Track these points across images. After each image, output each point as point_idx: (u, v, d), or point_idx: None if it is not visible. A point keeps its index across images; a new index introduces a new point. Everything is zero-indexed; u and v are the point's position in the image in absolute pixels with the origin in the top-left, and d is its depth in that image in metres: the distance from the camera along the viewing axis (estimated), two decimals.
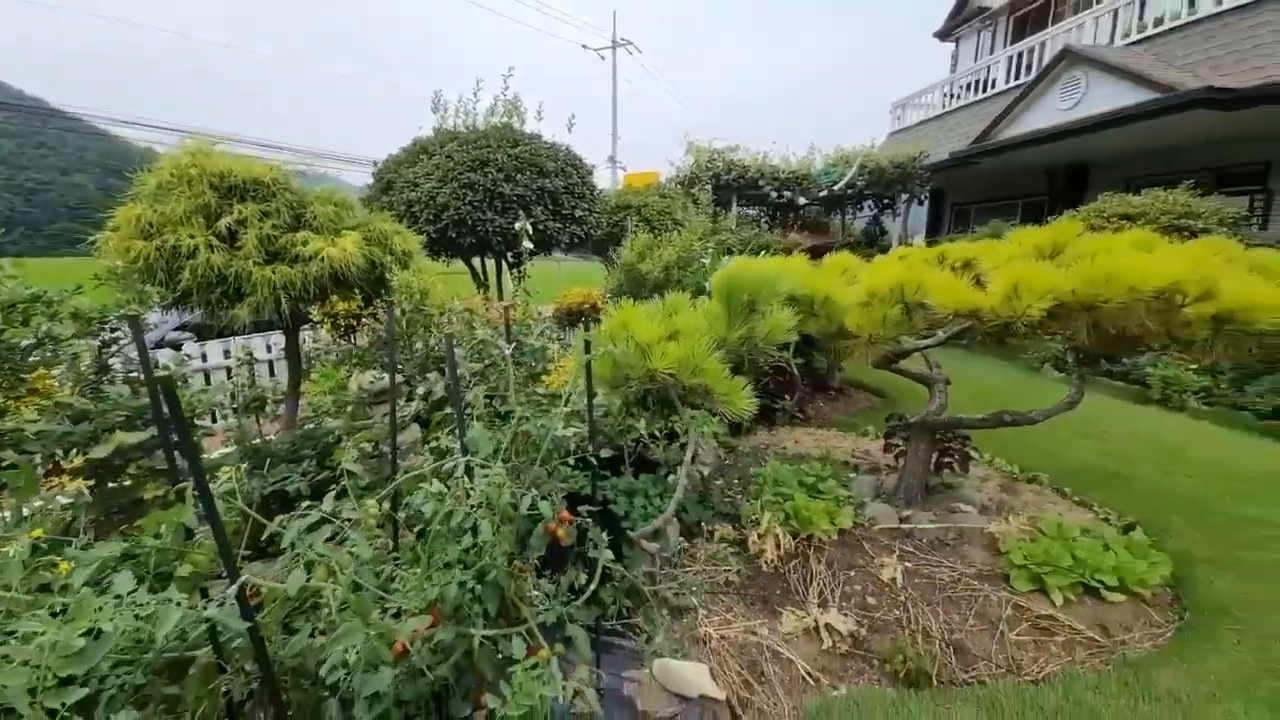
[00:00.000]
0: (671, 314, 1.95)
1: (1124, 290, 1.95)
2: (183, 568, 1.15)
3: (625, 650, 2.29)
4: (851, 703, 2.08)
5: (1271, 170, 8.41)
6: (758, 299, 1.90)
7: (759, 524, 2.91)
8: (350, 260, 2.78)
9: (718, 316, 1.88)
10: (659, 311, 1.95)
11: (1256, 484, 3.95)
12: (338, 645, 1.02)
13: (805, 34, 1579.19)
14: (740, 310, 1.90)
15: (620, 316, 1.76)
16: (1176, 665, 2.26)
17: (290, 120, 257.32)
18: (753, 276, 1.88)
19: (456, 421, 1.35)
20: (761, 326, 1.97)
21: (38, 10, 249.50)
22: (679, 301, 2.01)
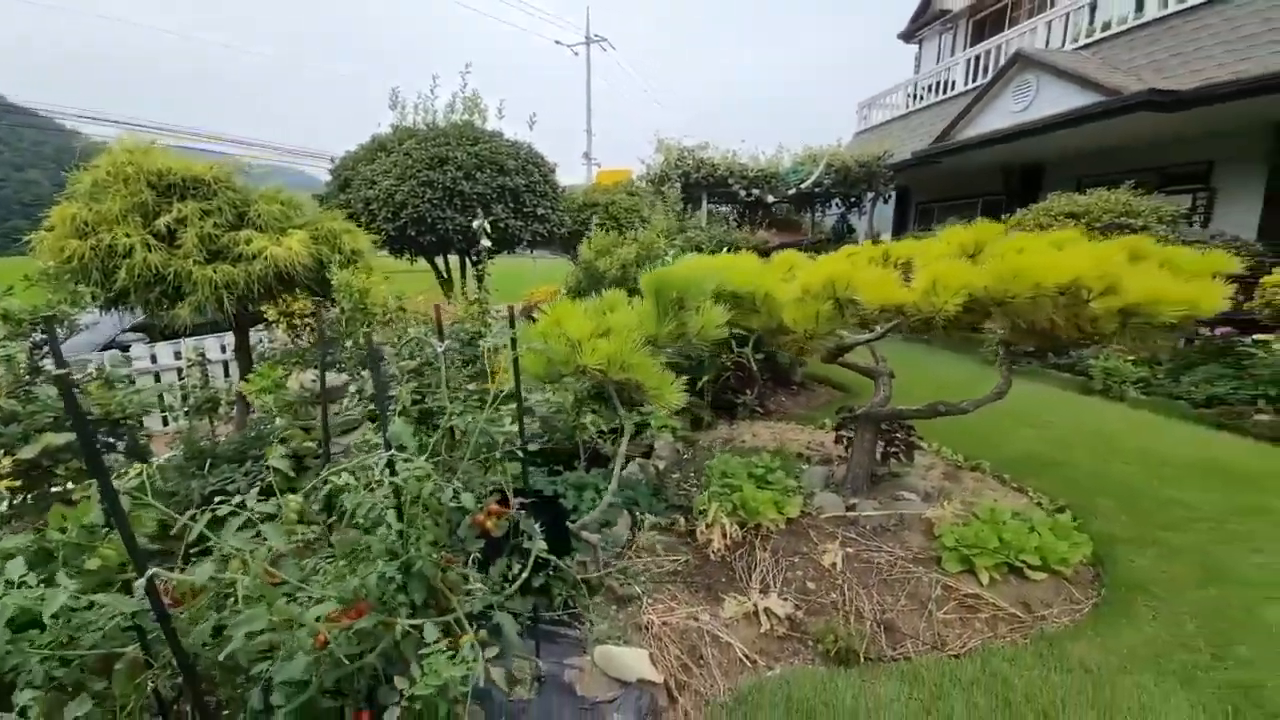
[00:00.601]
0: (607, 311, 2.01)
1: (1030, 286, 2.07)
2: (91, 561, 1.17)
3: (570, 639, 2.35)
4: (783, 681, 2.18)
5: (1214, 169, 8.82)
6: (686, 296, 1.97)
7: (707, 515, 2.98)
8: (296, 259, 2.78)
9: (648, 314, 1.95)
10: (596, 309, 2.01)
11: (1184, 469, 4.19)
12: (239, 630, 1.05)
13: (807, 33, 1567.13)
14: (670, 307, 1.97)
15: (554, 314, 1.82)
16: (1091, 639, 2.40)
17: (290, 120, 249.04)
18: (681, 275, 1.95)
19: (380, 417, 1.39)
20: (694, 323, 2.05)
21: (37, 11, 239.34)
22: (616, 299, 2.08)
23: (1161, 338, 2.43)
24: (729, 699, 2.11)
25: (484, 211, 5.33)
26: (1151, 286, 2.27)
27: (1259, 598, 2.65)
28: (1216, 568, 2.91)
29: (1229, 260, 2.64)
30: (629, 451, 3.91)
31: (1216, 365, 5.71)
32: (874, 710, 2.03)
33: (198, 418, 3.79)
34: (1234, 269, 2.64)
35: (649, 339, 1.91)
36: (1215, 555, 3.03)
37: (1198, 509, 3.55)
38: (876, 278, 2.33)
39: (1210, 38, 7.71)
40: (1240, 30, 7.38)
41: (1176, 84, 7.13)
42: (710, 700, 2.11)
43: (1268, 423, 4.92)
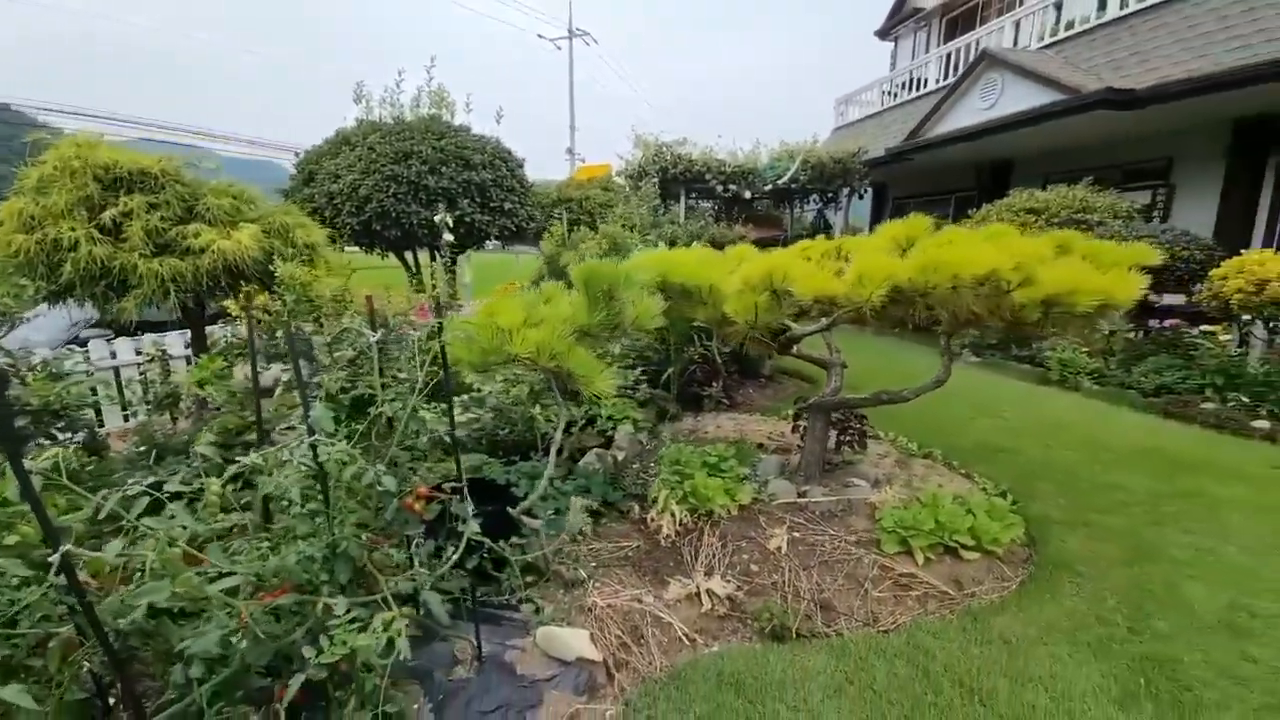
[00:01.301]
0: (544, 302, 2.07)
1: (949, 277, 2.17)
2: (10, 538, 1.22)
3: (516, 623, 2.42)
4: (719, 657, 2.27)
5: (1173, 166, 9.06)
6: (615, 288, 2.04)
7: (658, 502, 3.07)
8: (246, 253, 2.80)
9: (581, 305, 2.02)
10: (533, 300, 2.07)
11: (1125, 454, 4.36)
12: (141, 600, 1.11)
13: (788, 29, 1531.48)
14: (600, 298, 2.03)
15: (488, 305, 1.88)
16: (1014, 613, 2.53)
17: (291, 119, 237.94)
18: (610, 268, 2.02)
19: (303, 403, 1.44)
20: (629, 313, 2.12)
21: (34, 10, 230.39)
22: (554, 291, 2.14)
23: (1082, 326, 2.55)
24: (664, 675, 2.19)
25: (450, 206, 5.36)
26: (1067, 277, 2.38)
27: (1182, 575, 2.79)
28: (1144, 547, 3.05)
29: (1149, 252, 2.76)
30: (589, 442, 3.99)
31: (1166, 356, 5.93)
32: (800, 681, 2.13)
33: (158, 412, 3.79)
34: (1153, 261, 2.76)
35: (581, 329, 1.98)
36: (1145, 536, 3.18)
37: (1134, 492, 3.71)
38: (810, 270, 2.42)
39: (1168, 36, 7.93)
40: (1197, 28, 7.59)
41: (1133, 83, 7.34)
42: (646, 677, 2.19)
43: (1212, 411, 5.13)
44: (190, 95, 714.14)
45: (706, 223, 10.69)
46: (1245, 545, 3.07)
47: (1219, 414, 5.04)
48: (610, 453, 3.84)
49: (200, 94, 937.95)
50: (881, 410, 5.32)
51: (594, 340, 2.09)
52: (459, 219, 5.42)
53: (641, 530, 3.16)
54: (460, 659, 2.16)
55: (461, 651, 2.17)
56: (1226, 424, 4.93)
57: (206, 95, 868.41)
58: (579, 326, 1.96)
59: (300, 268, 2.14)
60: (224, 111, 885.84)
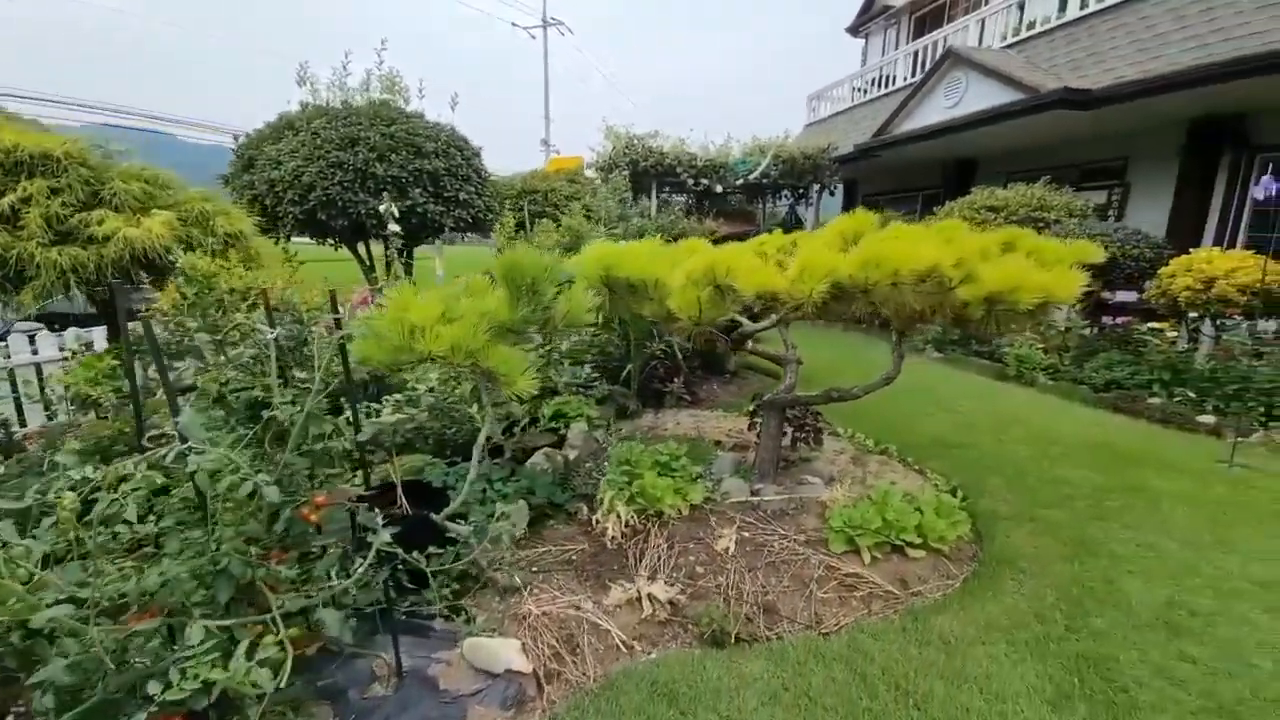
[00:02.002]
0: (468, 296, 1.96)
1: (889, 274, 2.12)
2: None
3: (445, 634, 2.31)
4: (655, 664, 2.20)
5: (1129, 165, 9.28)
6: (539, 282, 1.93)
7: (604, 503, 2.98)
8: (156, 241, 2.62)
9: (503, 300, 1.91)
10: (455, 294, 1.96)
11: (1073, 449, 4.42)
12: None
13: (764, 21, 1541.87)
14: (525, 292, 1.93)
15: (400, 299, 1.76)
16: (955, 611, 2.51)
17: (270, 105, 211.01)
18: (532, 261, 1.92)
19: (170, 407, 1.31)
20: (561, 308, 2.02)
21: None
22: (481, 284, 2.03)
23: (1025, 324, 2.53)
24: (597, 685, 2.11)
25: (400, 195, 5.17)
26: (1009, 275, 2.36)
27: (1121, 571, 2.82)
28: (1086, 542, 3.08)
29: (1092, 249, 2.76)
30: (540, 441, 3.88)
31: (1117, 352, 6.06)
32: (736, 688, 2.07)
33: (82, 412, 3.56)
34: (1096, 258, 2.77)
35: (504, 325, 1.87)
36: (1088, 531, 3.21)
37: (1079, 487, 3.76)
38: (754, 265, 2.35)
39: (1125, 36, 8.08)
40: (1154, 29, 7.73)
41: (1090, 83, 7.47)
42: (579, 687, 2.11)
43: (1159, 406, 5.25)
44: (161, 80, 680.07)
45: (676, 217, 10.61)
46: (1186, 540, 3.12)
47: (1165, 409, 5.16)
48: (562, 452, 3.74)
49: (170, 79, 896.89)
50: (844, 406, 5.34)
51: (519, 337, 1.98)
52: (410, 209, 5.21)
53: (588, 533, 3.07)
54: (379, 675, 2.05)
55: (380, 667, 2.06)
56: (1173, 419, 5.05)
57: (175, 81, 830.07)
58: (500, 322, 1.85)
59: (204, 258, 1.99)
60: (193, 98, 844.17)
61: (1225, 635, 2.36)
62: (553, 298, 1.98)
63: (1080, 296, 7.45)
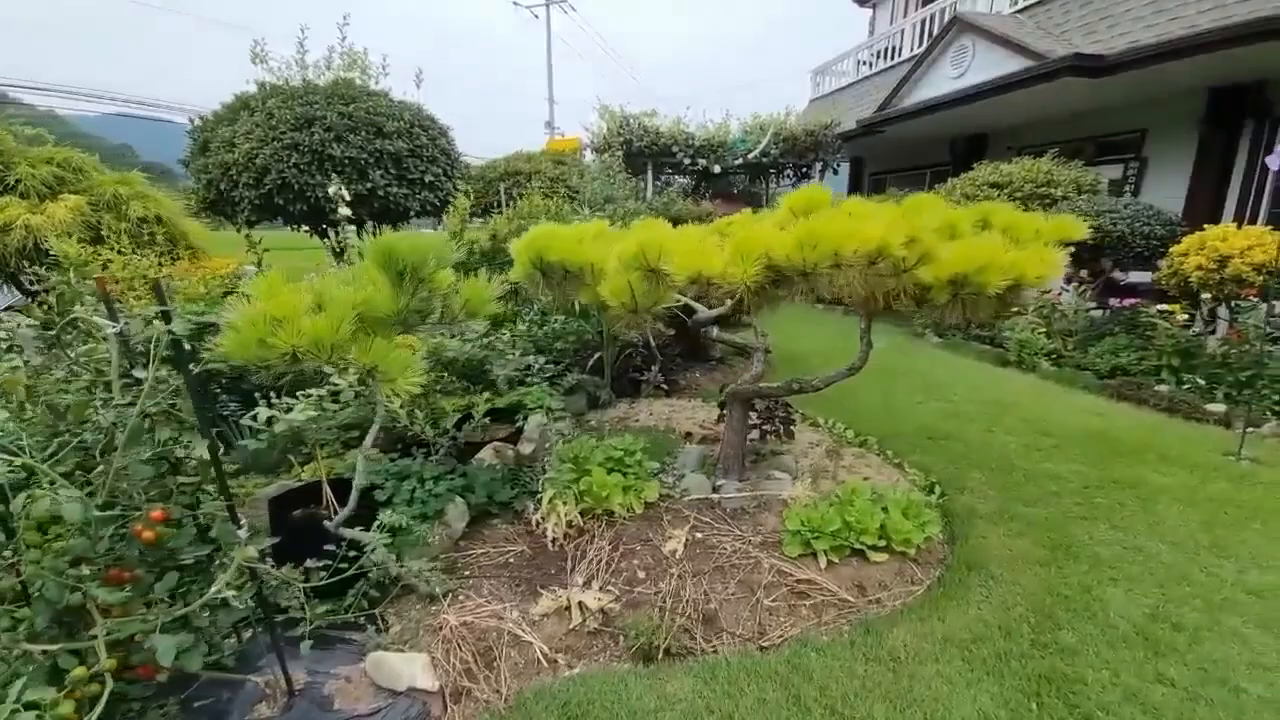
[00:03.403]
0: (359, 284, 1.77)
1: (828, 254, 1.89)
2: None
3: (353, 645, 2.17)
4: (574, 682, 2.03)
5: (1146, 138, 8.76)
6: (420, 268, 1.74)
7: (544, 502, 2.81)
8: (63, 228, 2.45)
9: (382, 288, 1.72)
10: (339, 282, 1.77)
11: (1068, 439, 4.16)
12: None
13: None
14: (409, 281, 1.74)
15: (266, 287, 1.57)
16: (914, 622, 2.31)
17: None
18: (409, 244, 1.72)
19: None
20: (456, 299, 1.82)
21: None
22: (371, 271, 1.83)
23: (995, 308, 2.29)
24: (507, 706, 1.95)
25: (360, 178, 4.97)
26: (975, 254, 2.11)
27: (1101, 577, 2.59)
28: (1066, 544, 2.85)
29: (1073, 226, 2.49)
30: (497, 434, 3.71)
31: (1124, 336, 5.72)
32: (656, 710, 1.90)
33: None
34: (1079, 235, 2.50)
35: (386, 316, 1.68)
36: (1070, 530, 2.97)
37: (1068, 482, 3.51)
38: (689, 246, 2.12)
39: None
40: None
41: (1104, 48, 6.99)
42: (488, 707, 1.95)
43: (1166, 393, 4.94)
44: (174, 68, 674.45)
45: (671, 199, 10.30)
46: (1178, 542, 2.88)
47: (1172, 397, 4.85)
48: (516, 447, 3.57)
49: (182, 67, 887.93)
50: (829, 395, 5.10)
51: (403, 328, 1.79)
52: (371, 191, 5.01)
53: (531, 534, 2.90)
54: (268, 694, 1.91)
55: (271, 685, 1.92)
56: (1179, 407, 4.74)
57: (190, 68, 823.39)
58: (380, 313, 1.66)
59: (74, 244, 1.82)
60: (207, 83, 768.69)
61: (1212, 654, 2.13)
62: (451, 285, 1.79)
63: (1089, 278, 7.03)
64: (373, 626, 2.15)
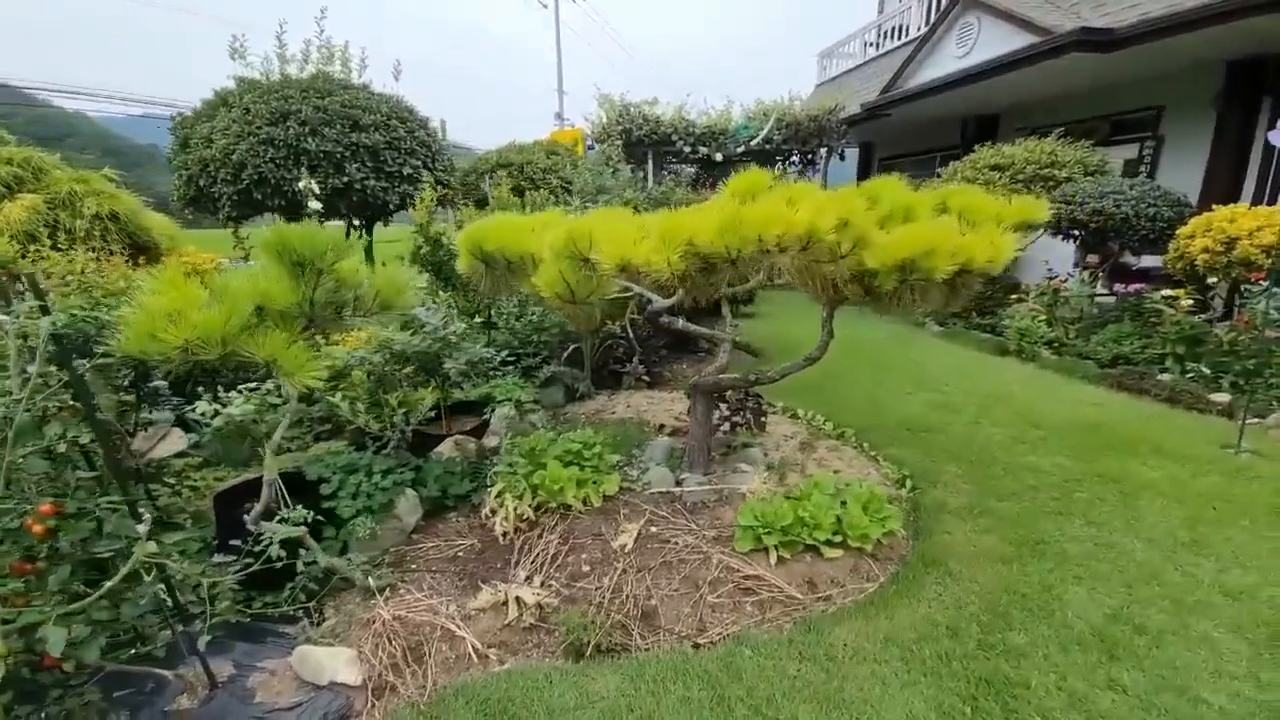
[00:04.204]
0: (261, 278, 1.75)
1: (752, 240, 1.81)
2: None
3: (286, 639, 2.17)
4: (499, 678, 2.01)
5: (1163, 116, 8.37)
6: (317, 259, 1.70)
7: (493, 496, 2.79)
8: (19, 227, 2.48)
9: (280, 280, 1.68)
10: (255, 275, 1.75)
11: (1056, 431, 4.01)
12: None
13: None
14: (308, 272, 1.70)
15: (165, 280, 1.55)
16: (860, 621, 2.23)
17: None
18: (304, 234, 1.68)
19: None
20: (368, 290, 1.79)
21: None
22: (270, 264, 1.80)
23: (946, 294, 2.18)
24: (427, 702, 1.93)
25: (336, 171, 4.96)
26: (918, 238, 2.01)
27: (1065, 575, 2.48)
28: (1035, 540, 2.74)
29: (1034, 207, 2.37)
30: (467, 426, 3.70)
31: (1129, 324, 5.49)
32: (576, 709, 1.86)
33: None
34: (1041, 217, 2.38)
35: (285, 309, 1.65)
36: (1041, 527, 2.86)
37: (1049, 475, 3.38)
38: (619, 233, 2.06)
39: None
40: None
41: (1113, 21, 6.66)
42: (410, 703, 1.93)
43: (1168, 383, 4.73)
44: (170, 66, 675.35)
45: (669, 189, 10.16)
46: (1154, 539, 2.75)
47: (1174, 386, 4.65)
48: (481, 440, 3.55)
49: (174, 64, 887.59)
50: (812, 385, 4.99)
51: (310, 322, 1.76)
52: (347, 185, 5.00)
53: (484, 527, 2.89)
54: (192, 685, 1.92)
55: (197, 677, 1.93)
56: (1181, 397, 4.54)
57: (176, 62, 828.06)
58: (279, 307, 1.63)
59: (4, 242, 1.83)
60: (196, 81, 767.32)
61: (1173, 659, 2.02)
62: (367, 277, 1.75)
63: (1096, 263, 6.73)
64: (306, 620, 2.15)
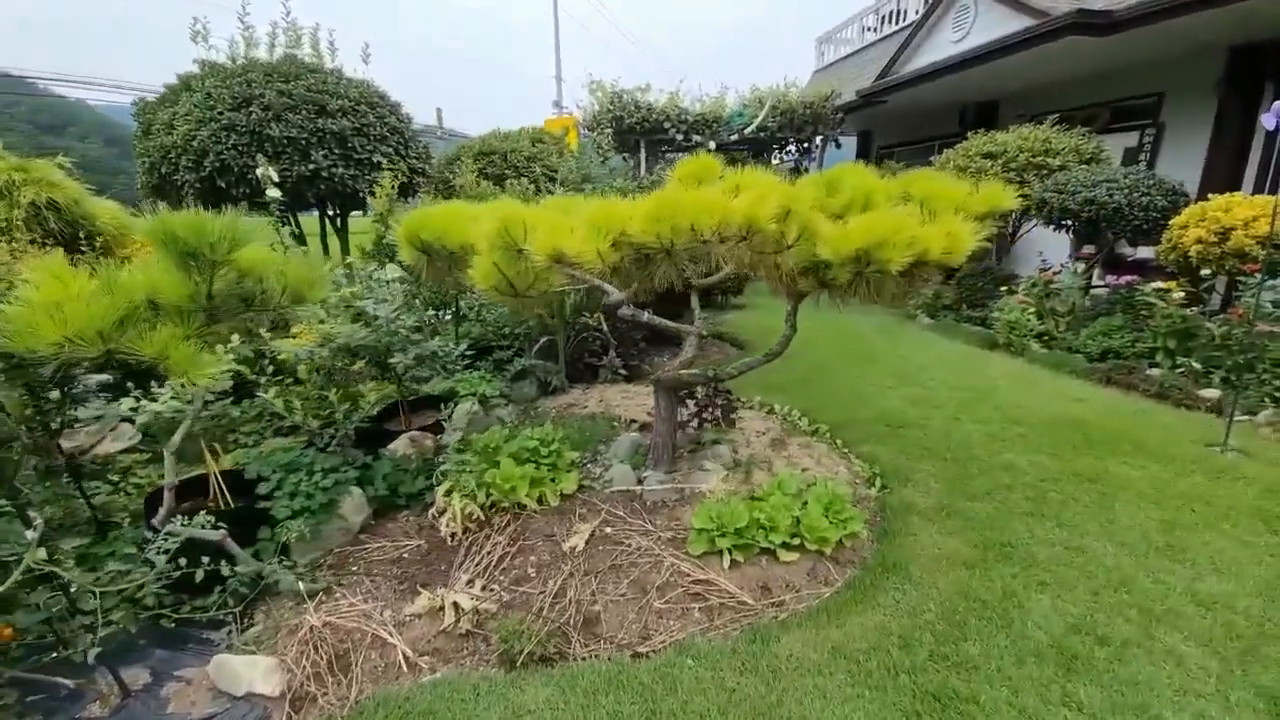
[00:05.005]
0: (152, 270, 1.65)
1: (685, 230, 1.69)
2: None
3: (210, 645, 2.09)
4: (424, 689, 1.92)
5: (1164, 103, 8.15)
6: (212, 249, 1.59)
7: (439, 496, 2.70)
8: None
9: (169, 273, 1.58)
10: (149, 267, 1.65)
11: (1039, 427, 3.89)
12: None
13: None
14: (201, 265, 1.60)
15: (44, 267, 1.45)
16: (810, 629, 2.14)
17: None
18: (189, 224, 1.57)
19: None
20: (275, 283, 1.68)
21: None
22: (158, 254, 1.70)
23: (902, 287, 2.06)
24: (349, 714, 1.85)
25: (302, 158, 4.83)
26: (874, 229, 1.89)
27: (1031, 581, 2.38)
28: (1002, 543, 2.63)
29: (1002, 196, 2.24)
30: (409, 424, 3.61)
31: (1119, 316, 5.35)
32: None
33: None
34: (1008, 205, 2.25)
35: (176, 304, 1.55)
36: (1011, 529, 2.75)
37: (1025, 474, 3.27)
38: (551, 222, 1.94)
39: None
40: None
41: (1109, 3, 6.44)
42: (329, 716, 1.85)
43: (1157, 378, 4.60)
44: None
45: (660, 177, 10.00)
46: (1127, 542, 2.64)
47: (1163, 381, 4.52)
48: (438, 437, 3.46)
49: None
50: (792, 378, 4.89)
51: (209, 316, 1.66)
52: (315, 173, 4.88)
53: (434, 527, 2.80)
54: (104, 694, 1.84)
55: (109, 685, 1.85)
56: (1170, 393, 4.42)
57: None
58: (171, 301, 1.53)
59: None
60: None
61: (1135, 674, 1.92)
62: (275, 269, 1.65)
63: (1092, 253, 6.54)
64: (229, 626, 2.07)
